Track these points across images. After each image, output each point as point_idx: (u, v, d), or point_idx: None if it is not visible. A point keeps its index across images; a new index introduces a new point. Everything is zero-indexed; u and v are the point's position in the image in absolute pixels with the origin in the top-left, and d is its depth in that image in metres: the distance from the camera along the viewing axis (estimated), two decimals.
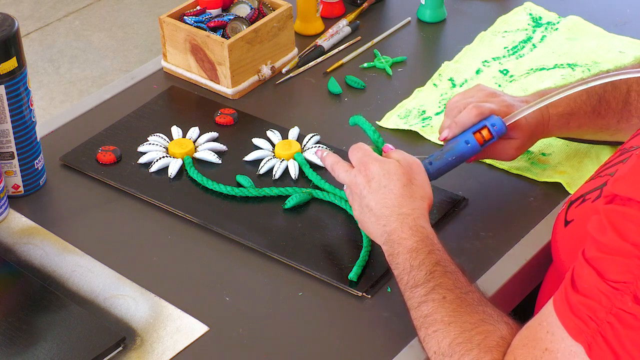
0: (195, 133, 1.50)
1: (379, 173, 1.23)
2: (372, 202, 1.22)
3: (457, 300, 1.11)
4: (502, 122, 1.31)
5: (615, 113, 1.37)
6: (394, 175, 1.22)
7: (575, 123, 1.38)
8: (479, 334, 1.08)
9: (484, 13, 1.79)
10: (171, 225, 1.37)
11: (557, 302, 1.01)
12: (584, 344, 0.97)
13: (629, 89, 1.37)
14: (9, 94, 1.34)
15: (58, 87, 3.37)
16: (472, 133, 1.31)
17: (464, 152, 1.32)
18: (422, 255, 1.16)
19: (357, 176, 1.24)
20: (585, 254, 0.99)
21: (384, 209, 1.21)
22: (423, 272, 1.14)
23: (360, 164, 1.25)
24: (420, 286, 1.13)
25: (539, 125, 1.36)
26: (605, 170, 1.18)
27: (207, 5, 1.65)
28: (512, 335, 1.07)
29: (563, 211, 1.21)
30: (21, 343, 1.18)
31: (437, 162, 1.32)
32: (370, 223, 1.22)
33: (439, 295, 1.12)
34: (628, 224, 0.95)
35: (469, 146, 1.31)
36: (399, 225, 1.19)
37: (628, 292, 0.94)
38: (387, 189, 1.21)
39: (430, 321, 1.11)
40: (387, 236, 1.19)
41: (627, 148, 1.18)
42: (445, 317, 1.10)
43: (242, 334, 1.20)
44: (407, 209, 1.20)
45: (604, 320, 0.95)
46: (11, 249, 1.33)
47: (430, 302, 1.12)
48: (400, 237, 1.18)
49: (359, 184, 1.24)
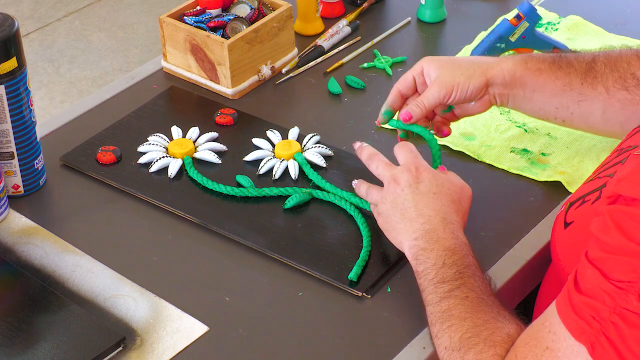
0: (195, 133, 1.50)
1: (431, 181, 1.25)
2: (414, 202, 1.23)
3: (477, 300, 1.12)
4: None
5: (578, 73, 1.36)
6: (445, 189, 1.25)
7: (534, 64, 1.36)
8: (487, 330, 1.09)
9: (484, 13, 1.79)
10: (171, 225, 1.37)
11: (560, 303, 1.01)
12: (586, 344, 0.96)
13: (594, 58, 1.37)
14: (9, 94, 1.34)
15: (58, 87, 3.37)
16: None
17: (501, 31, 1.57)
18: (456, 256, 1.17)
19: (403, 172, 1.26)
20: (589, 255, 0.99)
21: (428, 210, 1.22)
22: (453, 270, 1.16)
23: (412, 164, 1.27)
24: (447, 282, 1.15)
25: (491, 60, 1.37)
26: (604, 172, 1.17)
27: (207, 5, 1.65)
28: (519, 334, 1.08)
29: (562, 213, 1.20)
30: (21, 343, 1.18)
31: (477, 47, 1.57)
32: (403, 221, 1.23)
33: (462, 293, 1.13)
34: (633, 223, 0.95)
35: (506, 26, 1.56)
36: (441, 226, 1.20)
37: (633, 291, 0.94)
38: (436, 196, 1.23)
39: (446, 316, 1.12)
40: (424, 232, 1.20)
41: (624, 148, 1.18)
42: (462, 313, 1.11)
43: (242, 334, 1.20)
44: (452, 217, 1.22)
45: (607, 320, 0.95)
46: (11, 249, 1.33)
47: (452, 299, 1.13)
48: (439, 236, 1.19)
49: (404, 180, 1.25)
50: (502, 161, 1.45)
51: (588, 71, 1.36)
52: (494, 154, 1.46)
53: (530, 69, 1.36)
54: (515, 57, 1.38)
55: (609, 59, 1.36)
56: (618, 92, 1.34)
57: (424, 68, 1.38)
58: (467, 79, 1.35)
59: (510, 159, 1.45)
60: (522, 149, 1.47)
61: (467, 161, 1.46)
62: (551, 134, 1.49)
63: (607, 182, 1.08)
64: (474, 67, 1.36)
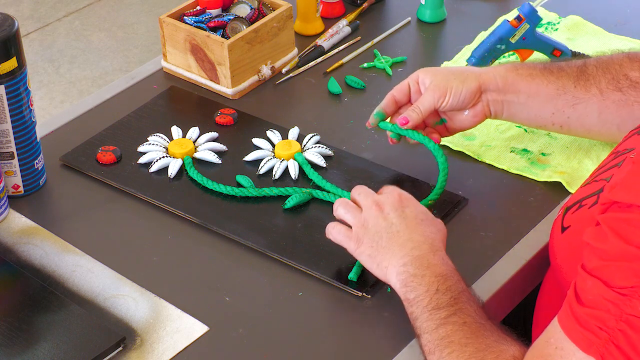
0: (195, 133, 1.50)
1: (416, 207, 1.23)
2: (403, 226, 1.20)
3: (476, 325, 1.10)
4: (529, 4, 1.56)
5: (570, 76, 1.37)
6: (430, 217, 1.23)
7: (525, 71, 1.38)
8: (492, 353, 1.07)
9: (484, 13, 1.79)
10: (171, 225, 1.37)
11: (563, 318, 0.99)
12: (596, 355, 0.95)
13: (585, 62, 1.38)
14: (9, 94, 1.34)
15: (58, 87, 3.37)
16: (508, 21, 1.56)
17: (502, 33, 1.56)
18: (450, 282, 1.14)
19: (387, 197, 1.23)
20: (586, 267, 0.98)
21: (416, 235, 1.19)
22: (448, 296, 1.12)
23: (394, 190, 1.24)
24: (442, 309, 1.11)
25: (488, 73, 1.38)
26: (600, 175, 1.17)
27: (207, 5, 1.65)
28: (523, 355, 1.05)
29: (559, 217, 1.20)
30: (21, 343, 1.18)
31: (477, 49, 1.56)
32: (390, 246, 1.19)
33: (460, 319, 1.10)
34: (631, 228, 0.94)
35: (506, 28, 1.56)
36: (430, 252, 1.17)
37: (636, 296, 0.93)
38: (423, 222, 1.21)
39: (446, 343, 1.09)
40: (413, 258, 1.17)
41: (620, 151, 1.18)
42: (463, 339, 1.08)
43: (242, 334, 1.20)
44: (439, 245, 1.19)
45: (614, 329, 0.94)
46: (11, 249, 1.33)
47: (450, 325, 1.10)
48: (429, 262, 1.16)
49: (388, 205, 1.22)
50: (502, 161, 1.45)
51: (580, 74, 1.37)
52: (494, 154, 1.46)
53: (521, 74, 1.37)
54: (506, 64, 1.39)
55: (600, 62, 1.37)
56: (612, 93, 1.34)
57: (420, 77, 1.39)
58: (460, 82, 1.36)
59: (510, 159, 1.45)
60: (522, 149, 1.47)
61: (467, 161, 1.46)
62: (551, 134, 1.49)
63: (604, 187, 1.07)
64: (467, 72, 1.38)
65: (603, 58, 1.38)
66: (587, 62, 1.38)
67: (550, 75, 1.37)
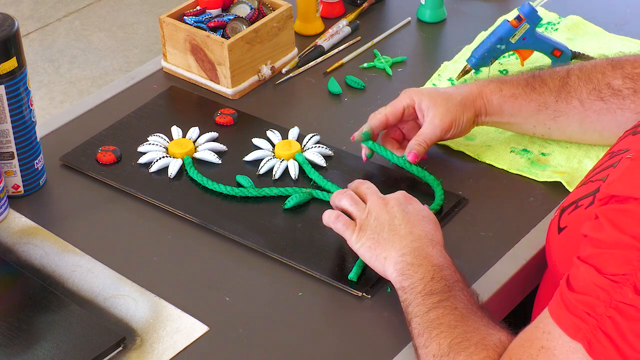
0: (195, 133, 1.50)
1: (420, 205, 1.26)
2: (405, 220, 1.22)
3: (467, 310, 1.12)
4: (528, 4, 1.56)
5: (552, 91, 1.40)
6: (432, 217, 1.25)
7: (509, 90, 1.41)
8: (479, 335, 1.09)
9: (484, 13, 1.79)
10: (171, 225, 1.37)
11: (552, 305, 1.01)
12: (583, 341, 0.96)
13: (568, 72, 1.41)
14: (9, 94, 1.34)
15: (58, 87, 3.37)
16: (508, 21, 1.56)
17: (502, 33, 1.56)
18: (445, 272, 1.16)
19: (392, 195, 1.26)
20: (581, 256, 0.99)
21: (417, 230, 1.21)
22: (442, 283, 1.15)
23: (400, 193, 1.27)
24: (435, 294, 1.13)
25: (474, 90, 1.41)
26: (596, 175, 1.17)
27: (207, 5, 1.65)
28: (511, 341, 1.07)
29: (556, 218, 1.20)
30: (21, 343, 1.18)
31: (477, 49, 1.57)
32: (391, 237, 1.21)
33: (452, 304, 1.12)
34: (627, 218, 0.95)
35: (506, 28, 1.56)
36: (429, 245, 1.20)
37: (628, 284, 0.93)
38: (425, 219, 1.24)
39: (436, 324, 1.11)
40: (412, 249, 1.19)
41: (615, 152, 1.18)
42: (452, 322, 1.10)
43: (242, 334, 1.20)
44: (439, 240, 1.22)
45: (603, 315, 0.95)
46: (11, 249, 1.33)
47: (441, 309, 1.12)
48: (427, 253, 1.18)
49: (393, 199, 1.25)
50: (502, 161, 1.45)
51: (562, 87, 1.41)
52: (494, 154, 1.46)
53: (505, 95, 1.41)
54: (491, 84, 1.42)
55: (582, 71, 1.41)
56: (593, 103, 1.39)
57: (416, 101, 1.42)
58: (461, 113, 1.41)
59: (510, 159, 1.45)
60: (522, 149, 1.47)
61: (467, 161, 1.46)
62: None
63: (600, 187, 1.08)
64: (463, 101, 1.41)
65: (586, 66, 1.41)
66: (570, 71, 1.42)
67: (532, 92, 1.41)
